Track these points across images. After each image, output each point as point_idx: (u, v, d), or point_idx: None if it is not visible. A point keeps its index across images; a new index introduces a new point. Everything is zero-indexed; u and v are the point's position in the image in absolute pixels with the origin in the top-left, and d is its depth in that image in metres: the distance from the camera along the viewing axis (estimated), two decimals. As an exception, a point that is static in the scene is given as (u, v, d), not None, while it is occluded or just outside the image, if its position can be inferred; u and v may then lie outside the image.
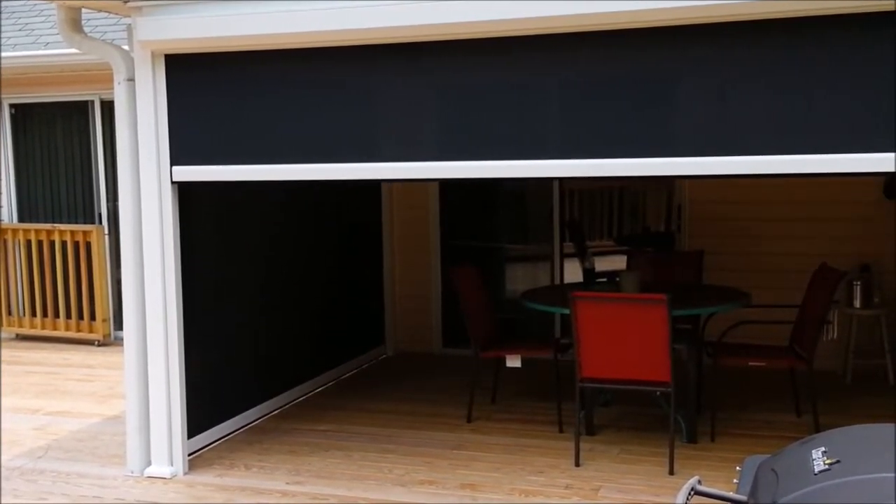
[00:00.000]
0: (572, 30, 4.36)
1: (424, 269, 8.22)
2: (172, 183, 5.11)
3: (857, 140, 4.03)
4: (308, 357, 6.85)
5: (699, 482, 2.66)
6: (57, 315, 9.13)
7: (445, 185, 8.12)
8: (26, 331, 9.27)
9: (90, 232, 8.91)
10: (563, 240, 7.92)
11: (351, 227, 7.50)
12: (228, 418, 5.88)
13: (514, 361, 6.07)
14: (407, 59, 4.66)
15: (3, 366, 8.18)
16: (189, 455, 5.39)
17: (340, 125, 4.80)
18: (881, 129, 3.97)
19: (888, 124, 3.96)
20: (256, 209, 6.17)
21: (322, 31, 4.67)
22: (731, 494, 2.61)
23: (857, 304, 6.87)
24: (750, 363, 5.95)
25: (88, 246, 8.93)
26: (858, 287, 6.85)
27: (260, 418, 6.24)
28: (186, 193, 5.31)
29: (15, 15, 9.45)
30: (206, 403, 5.58)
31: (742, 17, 4.11)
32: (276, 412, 6.43)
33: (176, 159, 5.09)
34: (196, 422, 5.48)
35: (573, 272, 7.89)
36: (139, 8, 4.99)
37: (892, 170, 3.97)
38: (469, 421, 6.17)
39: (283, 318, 6.49)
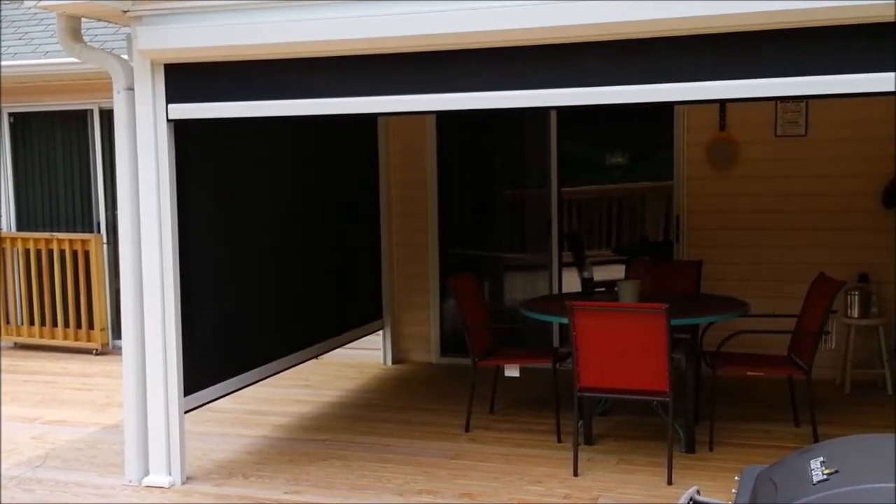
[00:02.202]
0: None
1: (423, 279, 8.22)
2: (168, 121, 5.08)
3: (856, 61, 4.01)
4: (306, 331, 6.80)
5: (698, 492, 2.66)
6: (55, 324, 9.12)
7: (445, 192, 8.13)
8: (24, 339, 9.26)
9: (89, 241, 8.91)
10: (561, 249, 7.93)
11: (349, 237, 7.50)
12: (224, 380, 5.76)
13: (512, 371, 6.08)
14: (412, 66, 4.68)
15: (2, 375, 8.17)
16: (185, 412, 5.33)
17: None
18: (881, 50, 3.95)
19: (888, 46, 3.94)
20: (255, 210, 6.16)
21: (325, 40, 4.68)
22: (730, 504, 2.61)
23: (855, 313, 6.88)
24: (748, 373, 5.96)
25: (87, 255, 8.93)
26: (856, 297, 6.86)
27: (254, 382, 6.12)
28: (184, 192, 5.30)
29: (15, 24, 9.46)
30: (201, 362, 5.50)
31: None
32: (271, 375, 6.38)
33: (171, 98, 5.09)
34: (192, 380, 5.39)
35: (572, 281, 7.90)
36: (139, 17, 5.00)
37: (892, 89, 3.95)
38: (467, 430, 6.16)
39: (279, 300, 6.45)
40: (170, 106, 5.06)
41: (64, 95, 8.92)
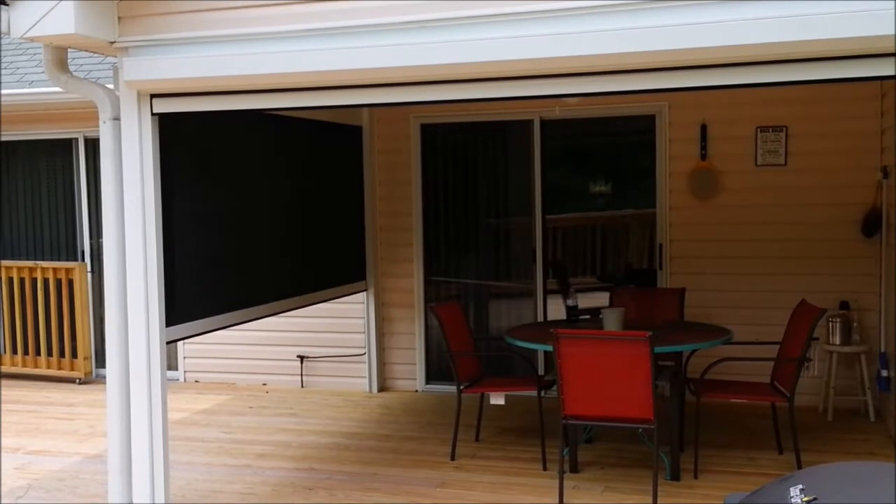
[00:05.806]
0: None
1: (408, 307, 8.23)
2: (153, 115, 5.06)
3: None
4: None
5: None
6: (38, 353, 9.08)
7: (430, 221, 8.17)
8: (7, 368, 9.20)
9: (73, 269, 8.89)
10: (546, 277, 7.97)
11: (334, 263, 7.52)
12: (203, 317, 5.67)
13: (497, 399, 6.09)
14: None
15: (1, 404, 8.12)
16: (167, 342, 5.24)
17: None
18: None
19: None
20: (243, 227, 6.17)
21: (316, 71, 4.71)
22: (713, 532, 2.63)
23: (837, 341, 6.93)
24: (732, 399, 5.98)
25: (71, 283, 8.90)
26: (837, 324, 6.92)
27: (235, 324, 6.00)
28: (170, 212, 5.31)
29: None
30: (182, 299, 5.45)
31: None
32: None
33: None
34: (171, 314, 5.30)
35: (556, 309, 7.93)
36: (125, 49, 5.03)
37: (892, 73, 3.92)
38: (453, 459, 6.16)
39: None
40: (155, 100, 5.02)
41: (49, 124, 8.93)
